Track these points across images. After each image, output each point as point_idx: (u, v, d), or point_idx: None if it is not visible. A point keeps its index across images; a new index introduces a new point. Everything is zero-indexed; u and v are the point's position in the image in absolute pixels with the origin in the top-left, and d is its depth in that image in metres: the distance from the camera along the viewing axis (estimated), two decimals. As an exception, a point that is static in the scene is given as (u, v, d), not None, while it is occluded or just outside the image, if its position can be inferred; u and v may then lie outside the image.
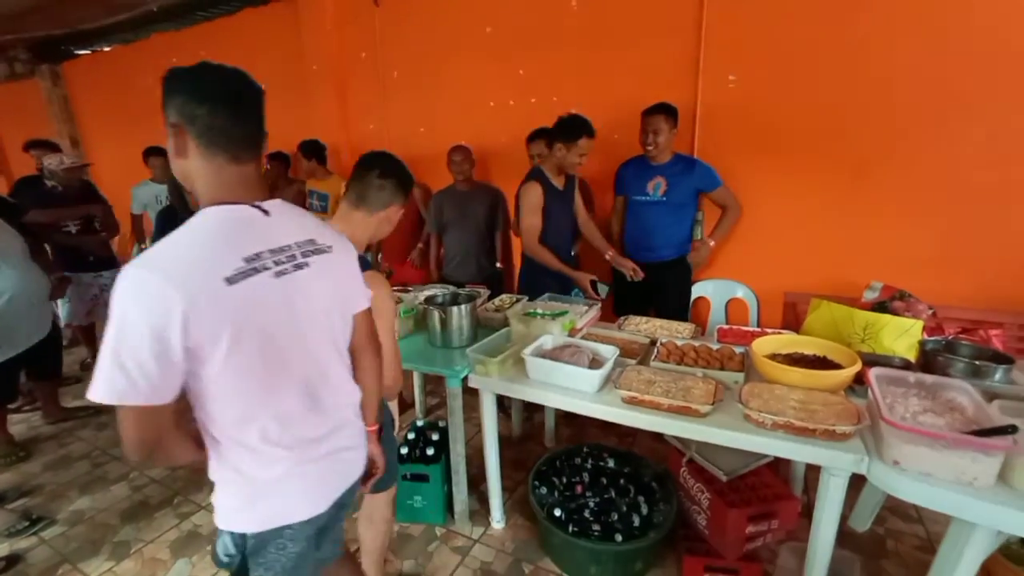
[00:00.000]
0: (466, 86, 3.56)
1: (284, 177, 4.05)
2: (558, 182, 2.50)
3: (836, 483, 1.35)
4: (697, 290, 2.89)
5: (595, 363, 1.76)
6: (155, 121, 4.87)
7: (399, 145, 3.74)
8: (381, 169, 1.41)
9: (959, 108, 2.33)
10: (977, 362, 1.59)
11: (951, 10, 2.26)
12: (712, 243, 2.69)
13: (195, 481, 2.46)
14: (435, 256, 3.37)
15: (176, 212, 2.68)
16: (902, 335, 1.91)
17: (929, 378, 1.46)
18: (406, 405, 3.12)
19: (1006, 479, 1.17)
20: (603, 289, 2.48)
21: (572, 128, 2.31)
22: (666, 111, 2.52)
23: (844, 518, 1.82)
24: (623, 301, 2.74)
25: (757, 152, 2.74)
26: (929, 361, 1.69)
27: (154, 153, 3.81)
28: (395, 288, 2.58)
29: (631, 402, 1.59)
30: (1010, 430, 1.13)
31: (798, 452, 1.38)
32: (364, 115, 4.05)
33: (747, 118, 2.72)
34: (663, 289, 2.70)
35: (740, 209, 2.69)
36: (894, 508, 2.08)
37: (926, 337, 1.86)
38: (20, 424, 3.11)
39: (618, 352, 1.78)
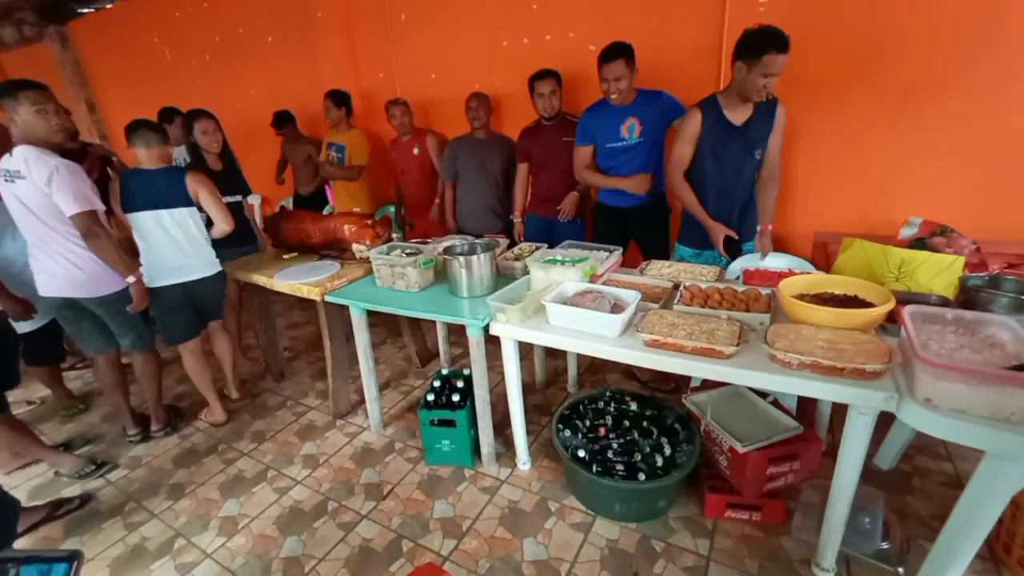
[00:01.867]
0: (477, 25, 3.37)
1: (298, 136, 4.00)
2: (734, 115, 2.13)
3: (863, 421, 1.34)
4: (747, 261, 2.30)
5: (617, 308, 1.74)
6: (169, 80, 4.88)
7: (411, 93, 3.62)
8: None
9: (1008, 29, 2.10)
10: (1022, 296, 1.52)
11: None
12: (770, 228, 2.27)
13: (236, 431, 2.61)
14: (450, 206, 3.33)
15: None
16: (941, 272, 1.83)
17: (969, 314, 1.40)
18: (431, 355, 3.19)
19: (1045, 413, 1.13)
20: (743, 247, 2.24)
21: (755, 41, 1.90)
22: (625, 54, 2.30)
23: (869, 457, 1.83)
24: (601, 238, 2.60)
25: (788, 84, 2.54)
26: (970, 298, 1.62)
27: (167, 115, 3.77)
28: (415, 240, 2.58)
29: (653, 345, 1.57)
30: (1054, 364, 1.09)
31: (825, 391, 1.35)
32: (373, 63, 3.91)
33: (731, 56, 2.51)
34: (642, 231, 2.71)
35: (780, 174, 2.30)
36: (922, 447, 2.07)
37: (968, 274, 1.78)
38: (76, 380, 3.31)
39: (640, 296, 1.75)
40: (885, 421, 1.35)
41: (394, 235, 2.63)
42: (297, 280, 2.32)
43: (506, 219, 3.19)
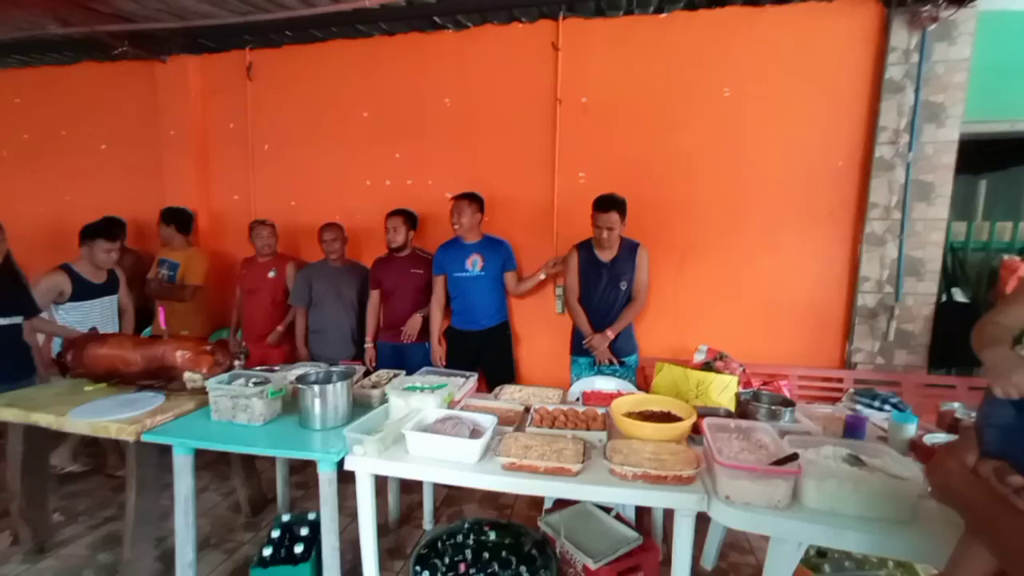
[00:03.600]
0: (341, 164, 3.63)
1: (121, 246, 3.58)
2: (603, 254, 2.79)
3: (687, 523, 1.57)
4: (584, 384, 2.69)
5: (475, 433, 1.82)
6: None
7: (267, 216, 3.59)
8: None
9: (743, 210, 3.07)
10: (773, 407, 2.02)
11: (737, 136, 3.04)
12: (610, 334, 2.77)
13: None
14: (302, 332, 3.22)
15: None
16: (724, 389, 2.33)
17: (744, 423, 1.81)
18: (266, 501, 2.77)
19: (797, 498, 1.48)
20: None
21: (594, 203, 2.69)
22: (470, 199, 2.96)
23: (696, 560, 2.07)
24: (455, 363, 2.95)
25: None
26: (743, 409, 2.09)
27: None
28: (258, 368, 2.39)
29: (511, 468, 1.67)
30: (794, 457, 1.46)
31: (655, 499, 1.57)
32: (228, 185, 3.84)
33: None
34: (489, 352, 3.06)
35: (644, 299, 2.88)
36: (732, 543, 2.40)
37: (741, 389, 2.30)
38: None
39: (496, 420, 1.87)
40: (703, 524, 1.59)
41: (236, 362, 2.40)
42: (104, 417, 1.92)
43: (361, 345, 3.17)
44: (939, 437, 1.74)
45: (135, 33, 3.43)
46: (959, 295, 3.22)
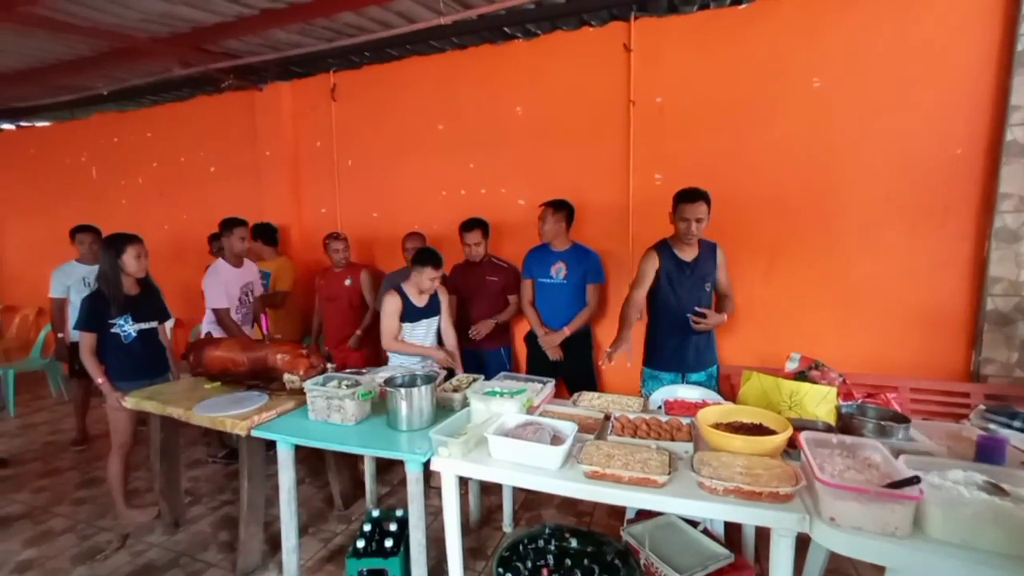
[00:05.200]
0: (419, 176, 3.80)
1: None
2: (684, 254, 2.60)
3: (785, 543, 1.46)
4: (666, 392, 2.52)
5: (556, 440, 1.82)
6: (82, 198, 4.85)
7: (351, 229, 3.85)
8: None
9: (839, 208, 2.82)
10: (883, 423, 1.83)
11: (830, 128, 2.81)
12: (725, 317, 2.60)
13: None
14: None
15: (106, 295, 2.53)
16: (822, 401, 2.15)
17: (849, 439, 1.66)
18: (356, 495, 2.94)
19: (920, 527, 1.33)
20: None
21: (675, 198, 2.55)
22: (555, 207, 2.95)
23: (794, 582, 1.92)
24: (535, 369, 2.98)
25: (683, 240, 3.11)
26: (846, 423, 1.91)
27: (83, 230, 3.64)
28: (349, 371, 2.55)
29: (593, 476, 1.65)
30: (915, 481, 1.31)
31: (748, 516, 1.48)
32: (317, 199, 4.16)
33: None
34: (569, 359, 3.02)
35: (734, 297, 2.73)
36: (836, 568, 2.20)
37: (841, 402, 2.11)
38: None
39: (577, 427, 1.86)
40: (803, 548, 1.47)
41: (329, 365, 2.59)
42: (220, 413, 2.16)
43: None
44: (1102, 464, 1.48)
45: (239, 67, 3.83)
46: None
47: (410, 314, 2.74)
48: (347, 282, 3.53)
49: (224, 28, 3.31)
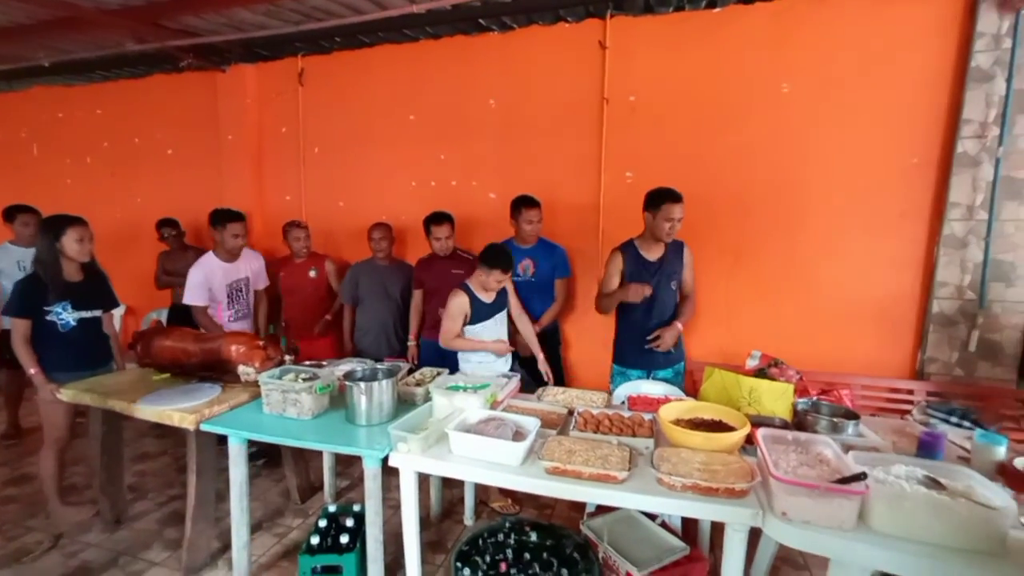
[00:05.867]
0: (388, 166, 3.71)
1: (179, 243, 3.84)
2: (649, 253, 2.58)
3: (738, 538, 1.49)
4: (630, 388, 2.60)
5: (518, 435, 1.81)
6: (20, 177, 4.52)
7: (316, 218, 3.74)
8: None
9: (802, 210, 2.90)
10: (835, 419, 1.88)
11: (796, 133, 2.88)
12: (679, 325, 2.62)
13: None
14: (348, 328, 3.31)
15: (42, 280, 2.36)
16: (779, 397, 2.20)
17: (803, 435, 1.70)
18: (314, 489, 2.86)
19: (864, 520, 1.37)
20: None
21: (656, 196, 2.48)
22: (537, 203, 2.88)
23: (746, 573, 1.96)
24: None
25: (651, 238, 3.14)
26: (801, 420, 1.96)
27: (22, 211, 3.40)
28: (306, 363, 2.47)
29: (554, 472, 1.64)
30: (862, 476, 1.35)
31: (705, 511, 1.50)
32: (280, 187, 4.01)
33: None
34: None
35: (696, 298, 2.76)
36: (785, 557, 2.27)
37: (797, 399, 2.17)
38: None
39: (539, 423, 1.84)
40: (755, 537, 1.51)
41: (286, 358, 2.49)
42: (168, 406, 2.05)
43: (405, 342, 3.23)
44: (1032, 460, 1.57)
45: (199, 46, 3.64)
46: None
47: (479, 313, 2.55)
48: (312, 273, 3.42)
49: (182, 4, 3.12)
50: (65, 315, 2.40)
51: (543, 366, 2.69)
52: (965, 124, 2.62)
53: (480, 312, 2.55)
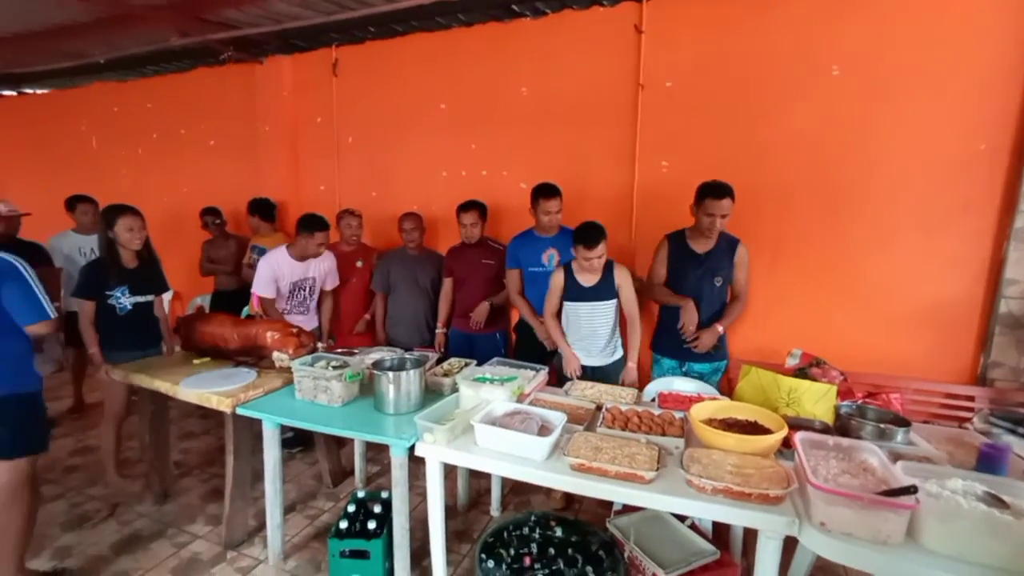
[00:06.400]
0: (420, 155, 3.72)
1: (221, 232, 3.98)
2: (697, 245, 2.57)
3: (772, 546, 1.42)
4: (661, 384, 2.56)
5: (544, 430, 1.78)
6: (81, 168, 4.78)
7: (351, 206, 3.77)
8: None
9: (851, 202, 2.72)
10: (882, 425, 1.77)
11: (847, 119, 2.70)
12: (720, 328, 2.55)
13: (92, 571, 2.17)
14: (381, 317, 3.35)
15: (107, 266, 2.51)
16: (820, 399, 2.09)
17: (845, 441, 1.60)
18: (345, 473, 2.94)
19: (913, 536, 1.28)
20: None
21: (700, 190, 2.47)
22: (558, 192, 2.72)
23: (781, 581, 1.89)
24: (526, 355, 2.77)
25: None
26: (844, 424, 1.85)
27: (82, 201, 3.60)
28: (339, 351, 2.52)
29: (579, 469, 1.61)
30: (912, 490, 1.26)
31: (737, 516, 1.44)
32: (315, 176, 4.09)
33: (678, 199, 2.97)
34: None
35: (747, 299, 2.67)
36: (825, 567, 2.17)
37: (840, 401, 2.05)
38: None
39: (566, 418, 1.81)
40: (791, 543, 1.44)
41: (319, 345, 2.55)
42: (207, 388, 2.13)
43: (434, 332, 3.24)
44: (1109, 479, 1.42)
45: (239, 39, 3.73)
46: None
47: (571, 292, 2.53)
48: (358, 264, 3.39)
49: (222, -3, 3.21)
50: (123, 299, 2.54)
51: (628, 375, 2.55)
52: (1044, 108, 2.37)
53: (572, 291, 2.52)
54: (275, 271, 2.94)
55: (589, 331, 2.54)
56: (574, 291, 2.51)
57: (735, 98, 2.88)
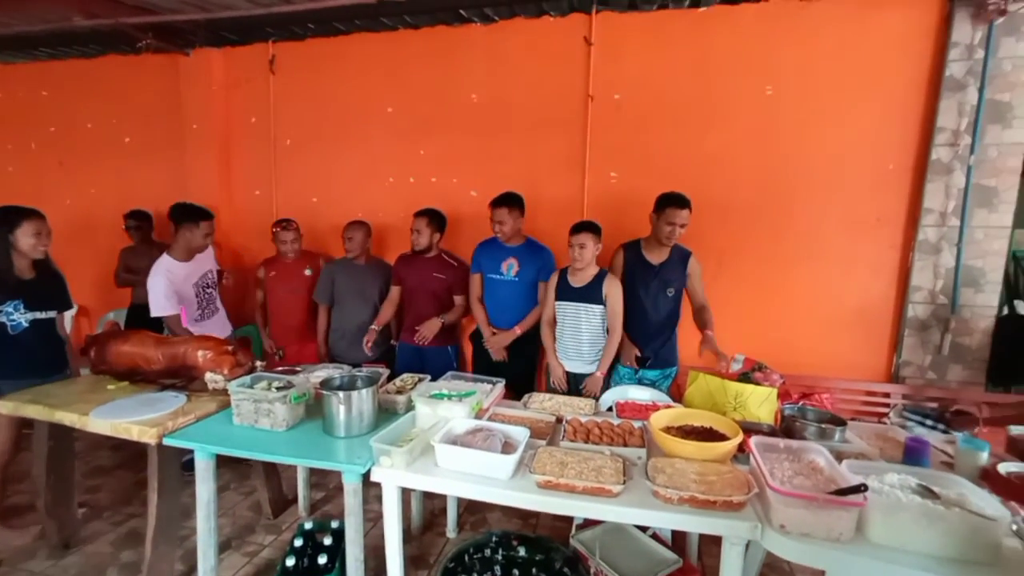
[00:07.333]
0: (365, 160, 3.56)
1: (145, 239, 3.60)
2: (651, 256, 2.65)
3: (736, 551, 1.46)
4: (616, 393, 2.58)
5: (507, 446, 1.73)
6: None
7: (288, 215, 3.54)
8: None
9: (785, 213, 2.93)
10: (823, 425, 1.89)
11: (780, 135, 2.89)
12: (712, 334, 2.62)
13: None
14: (323, 331, 3.16)
15: None
16: (764, 402, 2.20)
17: (795, 443, 1.69)
18: (287, 502, 2.72)
19: (862, 531, 1.36)
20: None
21: (661, 200, 2.56)
22: (510, 202, 2.76)
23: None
24: (480, 369, 2.87)
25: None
26: (788, 426, 1.96)
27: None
28: (282, 369, 2.33)
29: (546, 486, 1.57)
30: (862, 488, 1.34)
31: (703, 525, 1.47)
32: (249, 180, 3.80)
33: (627, 209, 3.08)
34: (515, 358, 2.89)
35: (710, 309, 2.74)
36: (773, 564, 2.28)
37: (782, 404, 2.17)
38: None
39: (529, 434, 1.78)
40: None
41: (257, 363, 2.34)
42: (125, 418, 1.88)
43: (384, 347, 3.10)
44: (1015, 466, 1.59)
45: (159, 25, 3.40)
46: (1023, 308, 3.03)
47: (561, 290, 2.63)
48: (307, 272, 3.21)
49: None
50: (16, 315, 2.20)
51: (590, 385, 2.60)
52: (939, 132, 2.68)
53: (562, 290, 2.63)
54: (170, 283, 2.68)
55: (573, 332, 2.62)
56: (564, 290, 2.62)
57: (680, 112, 3.01)
